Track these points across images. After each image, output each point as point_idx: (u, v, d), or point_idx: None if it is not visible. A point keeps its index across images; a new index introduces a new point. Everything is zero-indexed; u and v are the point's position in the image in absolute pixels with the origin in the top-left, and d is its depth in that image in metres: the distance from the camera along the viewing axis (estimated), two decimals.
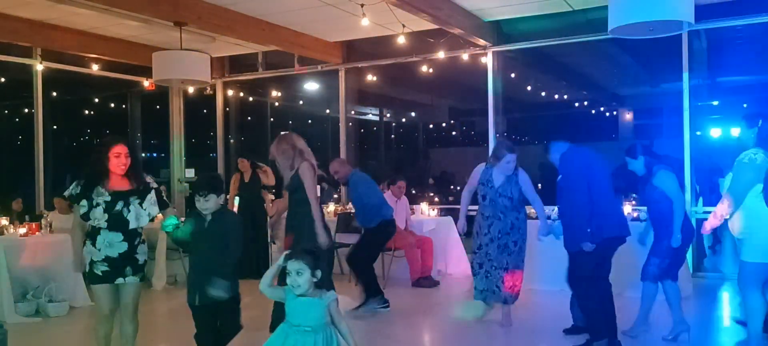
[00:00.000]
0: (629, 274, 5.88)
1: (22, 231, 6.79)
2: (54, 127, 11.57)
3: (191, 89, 11.06)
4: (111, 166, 4.01)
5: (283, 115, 14.64)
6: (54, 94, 10.64)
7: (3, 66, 9.83)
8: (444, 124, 19.33)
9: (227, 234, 3.96)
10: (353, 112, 11.93)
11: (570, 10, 8.00)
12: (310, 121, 15.42)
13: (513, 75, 11.03)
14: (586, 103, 16.54)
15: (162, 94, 11.37)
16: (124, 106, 12.87)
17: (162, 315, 6.88)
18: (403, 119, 19.12)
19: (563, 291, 5.42)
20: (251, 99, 12.86)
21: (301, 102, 14.23)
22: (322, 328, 3.08)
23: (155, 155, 14.09)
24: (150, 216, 4.12)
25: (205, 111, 11.70)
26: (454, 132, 19.49)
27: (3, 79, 11.02)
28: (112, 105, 13.75)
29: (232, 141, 11.75)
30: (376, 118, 17.23)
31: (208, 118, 11.53)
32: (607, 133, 17.08)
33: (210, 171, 10.70)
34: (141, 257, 4.14)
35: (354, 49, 10.08)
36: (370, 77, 10.50)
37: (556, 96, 15.90)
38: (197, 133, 12.26)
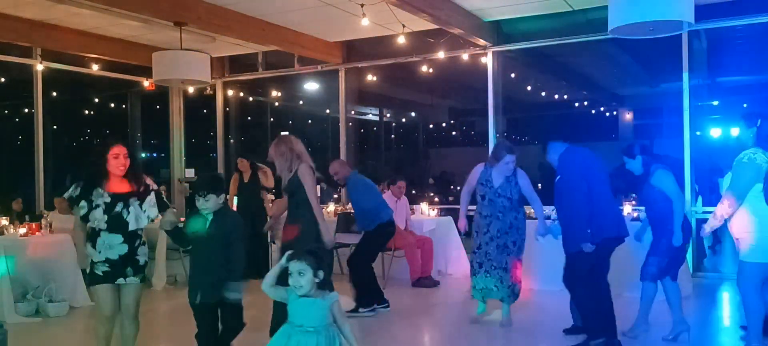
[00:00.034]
0: (629, 274, 5.87)
1: (22, 231, 6.79)
2: (54, 127, 11.56)
3: (191, 89, 11.06)
4: (110, 167, 4.01)
5: (283, 115, 14.64)
6: (54, 94, 10.63)
7: (3, 66, 9.83)
8: (444, 124, 19.34)
9: (229, 234, 3.97)
10: (353, 112, 11.94)
11: (570, 10, 8.00)
12: (310, 122, 15.43)
13: (513, 75, 11.04)
14: (586, 103, 16.55)
15: (162, 94, 11.37)
16: (124, 106, 12.86)
17: (162, 315, 6.88)
18: (403, 119, 19.12)
19: (563, 291, 5.42)
20: (251, 99, 12.87)
21: (301, 102, 14.23)
22: (324, 328, 3.08)
23: (155, 155, 14.08)
24: (149, 218, 4.12)
25: (205, 111, 11.70)
26: (454, 132, 19.51)
27: (3, 79, 11.03)
28: (112, 105, 13.74)
29: (232, 141, 11.75)
30: (376, 118, 17.24)
31: (208, 118, 11.53)
32: (607, 133, 17.09)
33: (210, 171, 10.72)
34: (141, 259, 4.13)
35: (354, 49, 10.07)
36: (370, 77, 10.50)
37: (556, 96, 15.90)
38: (197, 133, 12.26)
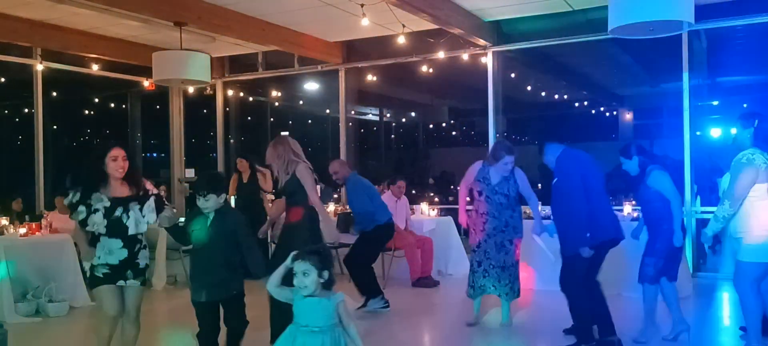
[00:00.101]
0: (627, 274, 5.87)
1: (22, 231, 6.79)
2: (54, 127, 11.57)
3: (191, 89, 11.05)
4: (109, 169, 3.96)
5: (283, 115, 14.64)
6: (54, 94, 10.63)
7: (3, 66, 9.83)
8: (444, 124, 19.36)
9: (231, 233, 3.98)
10: (353, 112, 11.95)
11: (570, 10, 8.00)
12: (310, 121, 15.45)
13: (513, 75, 11.05)
14: (586, 103, 16.56)
15: (162, 94, 11.37)
16: (124, 106, 12.86)
17: (162, 315, 6.88)
18: (403, 119, 19.14)
19: None
20: (251, 99, 12.87)
21: (301, 102, 14.24)
22: (330, 329, 3.07)
23: (155, 155, 14.08)
24: (148, 223, 4.07)
25: (205, 111, 11.70)
26: (454, 132, 19.53)
27: (3, 79, 11.03)
28: (112, 105, 13.74)
29: (232, 141, 11.75)
30: (376, 118, 17.25)
31: (208, 118, 11.53)
32: (607, 134, 17.11)
33: (211, 171, 10.72)
34: (142, 262, 4.09)
35: (354, 49, 10.07)
36: (370, 77, 10.50)
37: (556, 96, 15.91)
38: (197, 133, 12.26)
